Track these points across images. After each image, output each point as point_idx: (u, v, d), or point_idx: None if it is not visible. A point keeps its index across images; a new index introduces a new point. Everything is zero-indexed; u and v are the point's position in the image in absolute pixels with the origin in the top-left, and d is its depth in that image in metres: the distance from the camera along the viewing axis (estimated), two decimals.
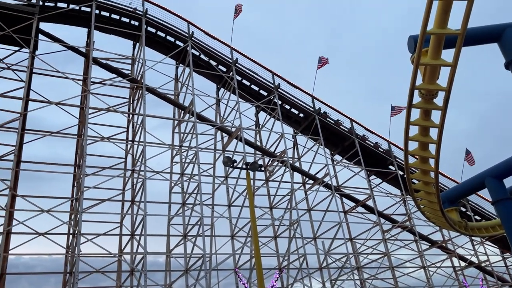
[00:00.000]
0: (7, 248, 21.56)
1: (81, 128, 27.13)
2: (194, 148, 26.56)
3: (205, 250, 23.07)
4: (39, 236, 22.10)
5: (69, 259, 23.98)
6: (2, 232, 20.18)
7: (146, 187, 23.31)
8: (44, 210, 21.33)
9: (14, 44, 25.53)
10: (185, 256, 26.10)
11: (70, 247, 24.48)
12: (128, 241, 26.34)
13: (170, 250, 27.18)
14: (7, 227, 20.55)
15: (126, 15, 28.52)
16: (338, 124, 33.32)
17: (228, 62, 30.49)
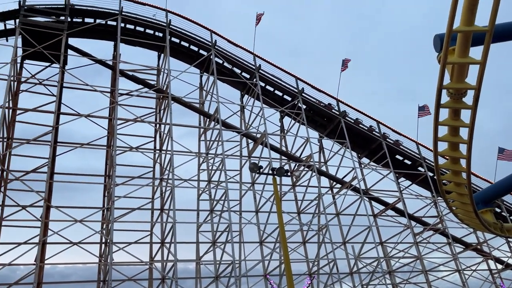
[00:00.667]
0: (43, 257, 22.20)
1: (110, 139, 27.78)
2: (220, 155, 26.77)
3: (235, 256, 23.16)
4: (73, 246, 22.71)
5: (102, 268, 24.49)
6: (38, 242, 20.82)
7: (175, 195, 23.67)
8: (77, 220, 21.90)
9: (45, 60, 26.49)
10: (215, 263, 26.25)
11: (103, 255, 25.00)
12: (159, 249, 26.71)
13: (200, 257, 27.38)
14: (42, 238, 21.17)
15: (150, 27, 29.13)
16: (358, 123, 32.87)
17: (251, 68, 30.67)
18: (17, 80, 26.41)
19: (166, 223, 26.51)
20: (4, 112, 23.20)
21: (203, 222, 28.15)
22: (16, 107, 25.93)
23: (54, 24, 26.26)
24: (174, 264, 21.55)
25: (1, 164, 24.08)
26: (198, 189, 28.58)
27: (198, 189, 28.58)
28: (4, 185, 24.60)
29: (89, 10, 27.77)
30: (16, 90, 26.46)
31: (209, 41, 30.00)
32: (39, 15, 26.65)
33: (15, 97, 26.31)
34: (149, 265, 24.87)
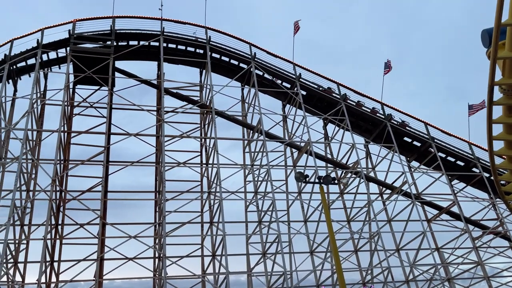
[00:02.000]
0: (101, 273, 23.06)
1: (159, 155, 28.62)
2: (266, 166, 26.85)
3: (286, 267, 23.03)
4: (128, 261, 23.48)
5: (157, 282, 25.10)
6: (96, 258, 21.69)
7: (223, 208, 23.96)
8: (132, 236, 22.64)
9: (94, 83, 27.81)
10: (266, 274, 26.19)
11: (157, 270, 25.63)
12: (210, 262, 27.04)
13: (250, 268, 27.43)
14: (100, 254, 22.03)
15: (191, 44, 29.92)
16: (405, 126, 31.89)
17: (291, 78, 30.70)
18: (70, 104, 27.90)
19: (216, 235, 26.83)
20: (60, 135, 24.53)
21: (252, 234, 28.24)
22: (70, 130, 27.37)
23: (102, 49, 27.57)
24: (226, 276, 21.72)
25: (60, 185, 25.39)
26: (245, 201, 28.78)
27: (245, 201, 28.78)
28: (63, 205, 25.92)
29: (132, 33, 28.95)
30: (70, 114, 27.97)
31: (248, 54, 30.37)
32: (87, 42, 28.09)
33: (69, 121, 27.80)
34: (202, 278, 25.20)
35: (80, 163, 25.73)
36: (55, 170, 23.17)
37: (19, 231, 24.82)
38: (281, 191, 28.96)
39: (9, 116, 26.32)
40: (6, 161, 25.33)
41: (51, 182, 22.87)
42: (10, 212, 21.47)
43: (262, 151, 27.70)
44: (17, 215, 24.42)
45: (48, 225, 22.09)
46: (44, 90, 28.40)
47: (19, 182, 23.11)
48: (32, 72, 26.86)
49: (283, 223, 27.58)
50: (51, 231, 23.89)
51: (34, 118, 26.55)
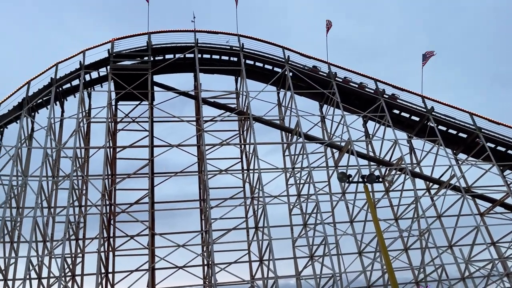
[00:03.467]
0: (153, 283, 23.71)
1: (201, 164, 29.13)
2: (307, 168, 26.72)
3: (334, 269, 22.77)
4: (178, 270, 23.99)
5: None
6: (148, 268, 22.30)
7: (267, 212, 24.05)
8: (180, 245, 23.12)
9: (135, 99, 28.72)
10: (315, 277, 25.96)
11: (207, 277, 26.01)
12: (258, 267, 27.15)
13: (299, 272, 27.29)
14: (151, 264, 22.64)
15: (225, 53, 30.33)
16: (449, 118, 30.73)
17: (326, 78, 30.43)
18: (114, 121, 28.94)
19: (262, 240, 26.92)
20: (106, 151, 25.51)
21: (297, 237, 28.13)
22: (115, 146, 28.39)
23: (140, 65, 28.48)
24: (275, 281, 21.73)
25: (109, 199, 26.36)
26: (288, 204, 28.71)
27: (288, 204, 28.71)
28: (113, 218, 26.88)
29: (168, 47, 29.69)
30: (114, 130, 29.01)
31: (282, 58, 30.40)
32: (126, 59, 29.10)
33: (113, 137, 28.85)
34: (251, 283, 25.34)
35: (127, 176, 26.62)
36: (104, 185, 24.09)
37: (74, 245, 25.93)
38: (324, 193, 28.69)
39: (58, 136, 27.63)
40: (59, 179, 26.61)
41: (101, 197, 23.80)
42: (65, 227, 22.52)
43: (302, 154, 27.59)
44: (72, 230, 25.53)
45: (101, 238, 22.99)
46: (89, 108, 29.62)
47: (71, 198, 24.18)
48: (76, 93, 28.11)
49: (328, 225, 27.31)
50: (104, 244, 24.80)
51: (81, 136, 27.74)
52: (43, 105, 27.48)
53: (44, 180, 24.66)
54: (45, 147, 24.77)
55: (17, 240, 24.09)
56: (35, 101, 26.69)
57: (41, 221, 24.29)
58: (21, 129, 25.34)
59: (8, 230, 23.69)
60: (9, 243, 23.58)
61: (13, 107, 26.08)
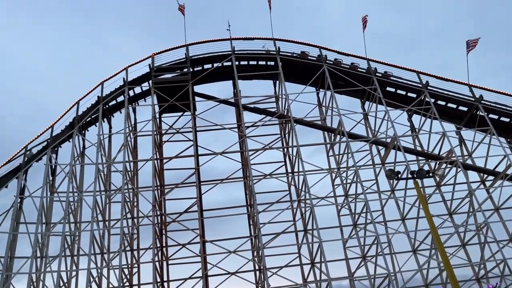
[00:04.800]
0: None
1: (245, 170, 29.35)
2: (353, 168, 26.32)
3: (389, 269, 22.22)
4: (231, 276, 24.23)
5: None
6: (201, 276, 22.69)
7: (315, 214, 23.85)
8: (231, 251, 23.36)
9: (178, 110, 29.42)
10: (369, 278, 25.44)
11: (259, 282, 26.09)
12: (310, 270, 26.93)
13: (352, 273, 26.82)
14: (204, 271, 23.01)
15: (261, 58, 30.52)
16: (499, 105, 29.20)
17: (367, 74, 29.89)
18: (159, 133, 29.75)
19: (312, 243, 26.70)
20: (154, 163, 26.26)
21: (348, 238, 27.69)
22: (162, 157, 29.16)
23: (180, 77, 29.18)
24: (329, 283, 21.48)
25: (159, 209, 27.07)
26: (336, 205, 28.34)
27: (336, 205, 28.34)
28: (164, 228, 27.57)
29: (206, 57, 30.23)
30: (159, 142, 29.82)
31: (319, 58, 30.18)
32: (166, 72, 29.90)
33: (160, 148, 29.65)
34: (303, 286, 25.17)
35: (175, 186, 27.31)
36: (154, 196, 24.81)
37: (130, 256, 26.80)
38: (372, 191, 28.12)
39: (108, 152, 28.74)
40: (111, 193, 27.65)
41: (152, 208, 24.52)
42: (120, 239, 23.36)
43: (347, 153, 27.19)
44: (127, 241, 26.40)
45: (154, 248, 23.65)
46: (135, 123, 30.63)
47: (124, 211, 25.05)
48: (122, 108, 29.16)
49: (379, 224, 26.67)
50: (157, 253, 25.46)
51: (129, 150, 28.71)
52: (92, 122, 28.71)
53: (98, 195, 25.71)
54: (97, 163, 25.85)
55: (77, 253, 25.23)
56: (85, 119, 27.92)
57: (97, 234, 25.31)
58: (73, 147, 26.58)
59: (68, 244, 24.85)
60: (69, 256, 24.73)
61: (65, 127, 27.43)
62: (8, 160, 25.17)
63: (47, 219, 24.98)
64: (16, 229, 24.02)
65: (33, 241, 23.16)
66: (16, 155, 25.53)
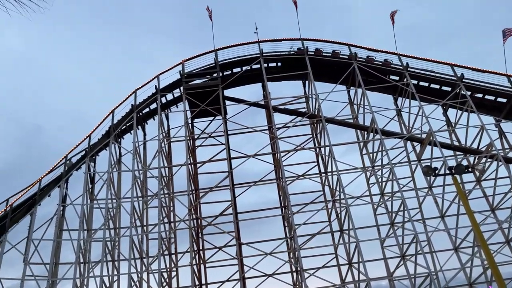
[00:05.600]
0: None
1: (278, 171, 29.36)
2: (388, 165, 25.85)
3: (429, 268, 21.67)
4: (268, 278, 24.25)
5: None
6: (239, 278, 22.83)
7: (351, 214, 23.59)
8: (267, 253, 23.39)
9: (209, 115, 29.82)
10: (409, 277, 24.86)
11: (297, 283, 26.00)
12: (348, 270, 26.60)
13: (391, 273, 26.29)
14: (241, 274, 23.15)
15: (289, 59, 30.49)
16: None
17: (398, 69, 29.31)
18: (192, 138, 30.20)
19: (349, 243, 26.37)
20: (188, 168, 26.67)
21: (386, 237, 27.15)
22: (195, 162, 29.59)
23: (210, 82, 29.53)
24: (368, 283, 21.15)
25: (195, 213, 27.46)
26: (372, 204, 27.86)
27: (372, 204, 27.86)
28: (201, 231, 27.94)
29: (234, 61, 30.47)
30: (192, 147, 30.28)
31: (348, 55, 29.85)
32: (196, 78, 30.33)
33: (193, 153, 30.10)
34: (342, 287, 24.88)
35: (209, 190, 27.64)
36: (189, 200, 25.19)
37: (168, 260, 27.30)
38: (409, 189, 27.46)
39: (143, 158, 29.42)
40: (148, 198, 28.28)
41: (187, 212, 24.91)
42: (158, 243, 23.83)
43: (381, 150, 26.73)
44: (164, 246, 26.90)
45: (192, 252, 24.00)
46: (168, 129, 31.22)
47: (161, 216, 25.56)
48: (155, 115, 29.78)
49: (417, 222, 26.05)
50: (195, 256, 25.82)
51: (163, 156, 29.27)
52: (127, 130, 29.46)
53: (135, 201, 26.34)
54: (133, 169, 26.50)
55: (117, 258, 25.91)
56: (120, 127, 28.69)
57: (136, 239, 25.92)
58: (110, 155, 27.36)
59: (109, 250, 25.57)
60: (111, 261, 25.44)
61: (101, 135, 28.26)
62: (50, 170, 26.17)
63: (88, 226, 25.79)
64: (59, 236, 24.93)
65: (76, 247, 23.97)
66: (57, 165, 26.51)
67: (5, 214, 23.92)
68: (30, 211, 24.61)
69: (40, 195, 25.13)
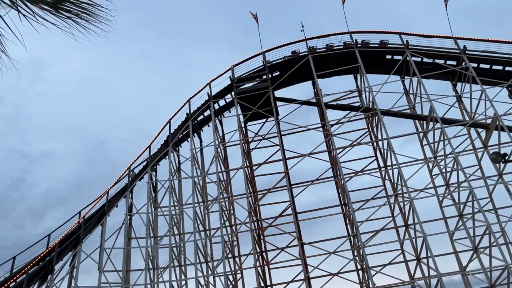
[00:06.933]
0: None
1: (335, 168, 28.95)
2: (451, 155, 24.67)
3: (506, 260, 20.41)
4: (333, 277, 23.94)
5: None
6: (304, 278, 22.74)
7: (415, 208, 22.77)
8: (331, 252, 23.11)
9: (261, 117, 30.01)
10: (484, 271, 23.55)
11: (363, 281, 25.47)
12: (416, 266, 25.68)
13: (463, 267, 25.03)
14: (306, 274, 23.05)
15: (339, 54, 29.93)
16: None
17: (455, 54, 27.89)
18: (246, 141, 30.53)
19: (416, 238, 25.44)
20: (245, 171, 26.98)
21: (454, 230, 25.90)
22: (251, 164, 29.86)
23: (260, 85, 29.70)
24: (439, 279, 20.29)
25: (255, 215, 27.71)
26: (437, 196, 26.70)
27: (437, 196, 26.70)
28: (262, 233, 28.14)
29: (283, 62, 30.42)
30: (247, 150, 30.60)
31: (400, 44, 28.84)
32: (246, 82, 30.63)
33: (248, 156, 30.41)
34: (411, 284, 24.05)
35: (267, 192, 27.79)
36: (248, 203, 25.46)
37: (232, 263, 27.74)
38: (477, 178, 26.04)
39: (201, 164, 30.14)
40: (208, 203, 28.92)
41: (248, 214, 25.18)
42: (222, 247, 24.30)
43: (443, 140, 25.56)
44: (228, 249, 27.38)
45: (255, 254, 24.23)
46: (223, 134, 31.76)
47: (222, 219, 26.04)
48: (210, 122, 30.42)
49: (489, 212, 24.60)
50: (258, 258, 26.04)
51: (220, 161, 29.83)
52: (184, 138, 30.33)
53: (196, 206, 27.03)
54: (192, 176, 27.22)
55: (184, 263, 26.71)
56: (177, 136, 29.60)
57: (200, 243, 26.59)
58: (170, 164, 28.29)
59: (175, 255, 26.43)
60: (178, 266, 26.28)
61: (160, 145, 29.30)
62: (115, 181, 27.52)
63: (154, 233, 26.81)
64: (129, 244, 26.11)
65: (145, 254, 25.00)
66: (122, 176, 27.81)
67: (79, 226, 25.43)
68: (100, 222, 25.99)
69: (108, 206, 26.48)
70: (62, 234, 24.84)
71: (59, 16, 3.40)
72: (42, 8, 3.31)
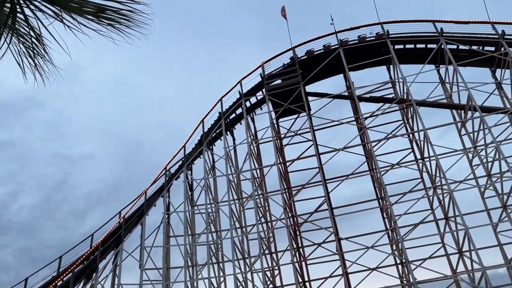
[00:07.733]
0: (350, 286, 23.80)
1: (370, 162, 28.52)
2: (492, 144, 23.82)
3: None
4: (372, 271, 23.63)
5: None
6: (342, 274, 22.57)
7: (456, 200, 22.14)
8: (369, 246, 22.82)
9: (293, 113, 29.93)
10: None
11: (403, 276, 25.02)
12: (458, 260, 24.98)
13: (509, 260, 24.11)
14: (344, 269, 22.87)
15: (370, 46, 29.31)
16: None
17: (493, 39, 26.83)
18: (278, 137, 30.54)
19: (457, 231, 24.74)
20: (279, 167, 27.02)
21: (498, 221, 24.98)
22: (284, 161, 29.86)
23: (291, 81, 29.58)
24: (483, 273, 19.67)
25: (290, 211, 27.71)
26: (478, 188, 25.82)
27: (478, 188, 25.82)
28: (298, 229, 28.12)
29: (314, 56, 30.17)
30: (280, 146, 30.61)
31: (434, 32, 28.04)
32: (277, 78, 30.60)
33: (281, 152, 30.42)
34: (454, 278, 23.43)
35: (301, 187, 27.71)
36: (283, 199, 25.49)
37: (270, 259, 27.87)
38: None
39: (235, 162, 30.39)
40: (243, 200, 29.15)
41: (283, 211, 25.21)
42: (258, 243, 24.45)
43: (483, 129, 24.70)
44: (265, 245, 27.52)
45: (292, 250, 24.25)
46: (255, 131, 31.90)
47: (258, 216, 26.20)
48: (242, 120, 30.60)
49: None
50: (295, 254, 26.05)
51: (253, 158, 29.97)
52: (217, 137, 30.65)
53: (232, 203, 27.31)
54: (227, 174, 27.50)
55: (222, 260, 27.06)
56: (211, 135, 29.95)
57: (237, 240, 26.84)
58: (205, 163, 28.69)
59: (213, 252, 26.82)
60: (216, 263, 26.66)
61: (195, 145, 29.75)
62: (153, 181, 28.17)
63: (192, 231, 27.28)
64: (167, 242, 26.69)
65: (183, 252, 25.50)
66: (158, 176, 28.45)
67: (120, 225, 26.23)
68: (140, 221, 26.70)
69: (146, 205, 27.16)
70: (104, 233, 25.70)
71: (100, 24, 3.54)
72: (85, 18, 3.46)
